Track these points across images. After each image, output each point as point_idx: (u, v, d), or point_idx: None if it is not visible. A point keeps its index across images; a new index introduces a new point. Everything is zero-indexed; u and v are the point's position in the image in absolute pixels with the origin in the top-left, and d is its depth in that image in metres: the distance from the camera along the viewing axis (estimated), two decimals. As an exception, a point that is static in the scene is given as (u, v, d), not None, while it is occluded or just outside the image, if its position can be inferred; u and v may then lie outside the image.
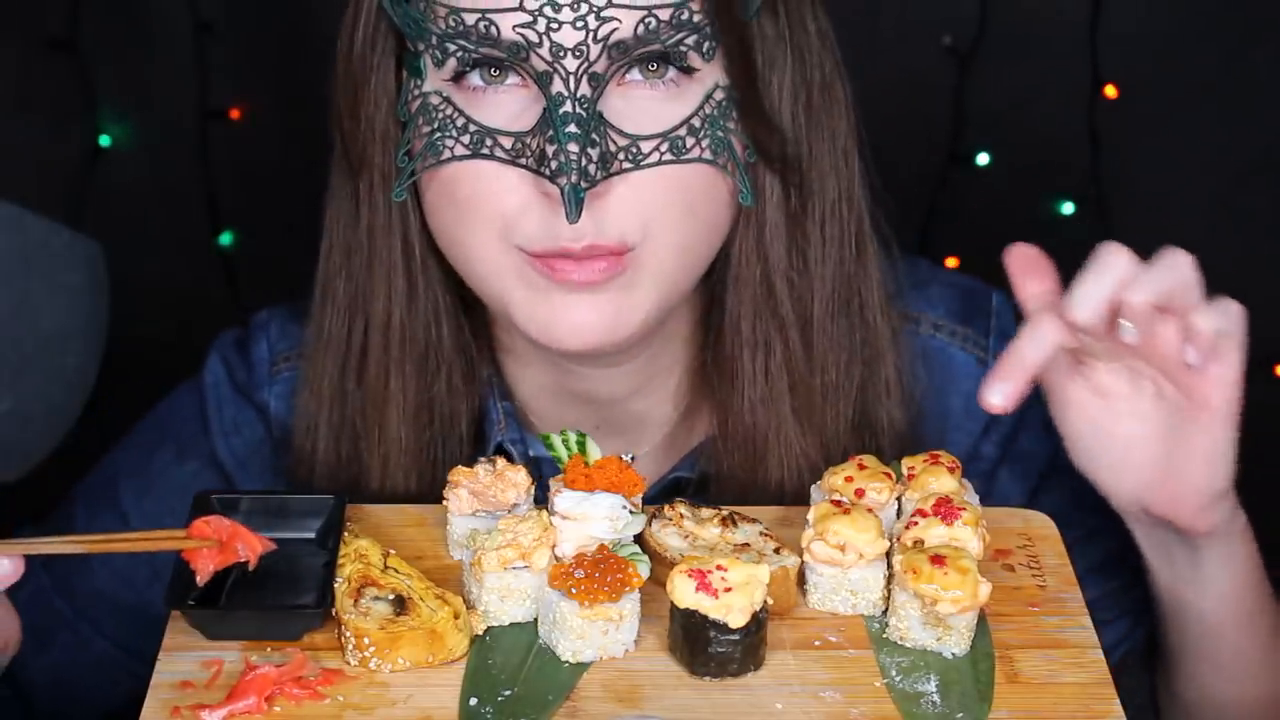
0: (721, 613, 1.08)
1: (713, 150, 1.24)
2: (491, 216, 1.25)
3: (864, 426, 1.35)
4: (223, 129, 2.27)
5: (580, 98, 1.20)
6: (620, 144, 1.21)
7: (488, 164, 1.23)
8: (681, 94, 1.23)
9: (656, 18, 1.19)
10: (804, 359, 1.34)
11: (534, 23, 1.18)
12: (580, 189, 1.19)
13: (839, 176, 1.32)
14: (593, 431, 1.38)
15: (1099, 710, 1.08)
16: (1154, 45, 2.31)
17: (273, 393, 1.43)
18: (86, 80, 2.23)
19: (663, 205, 1.24)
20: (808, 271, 1.33)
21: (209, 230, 2.31)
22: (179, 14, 2.23)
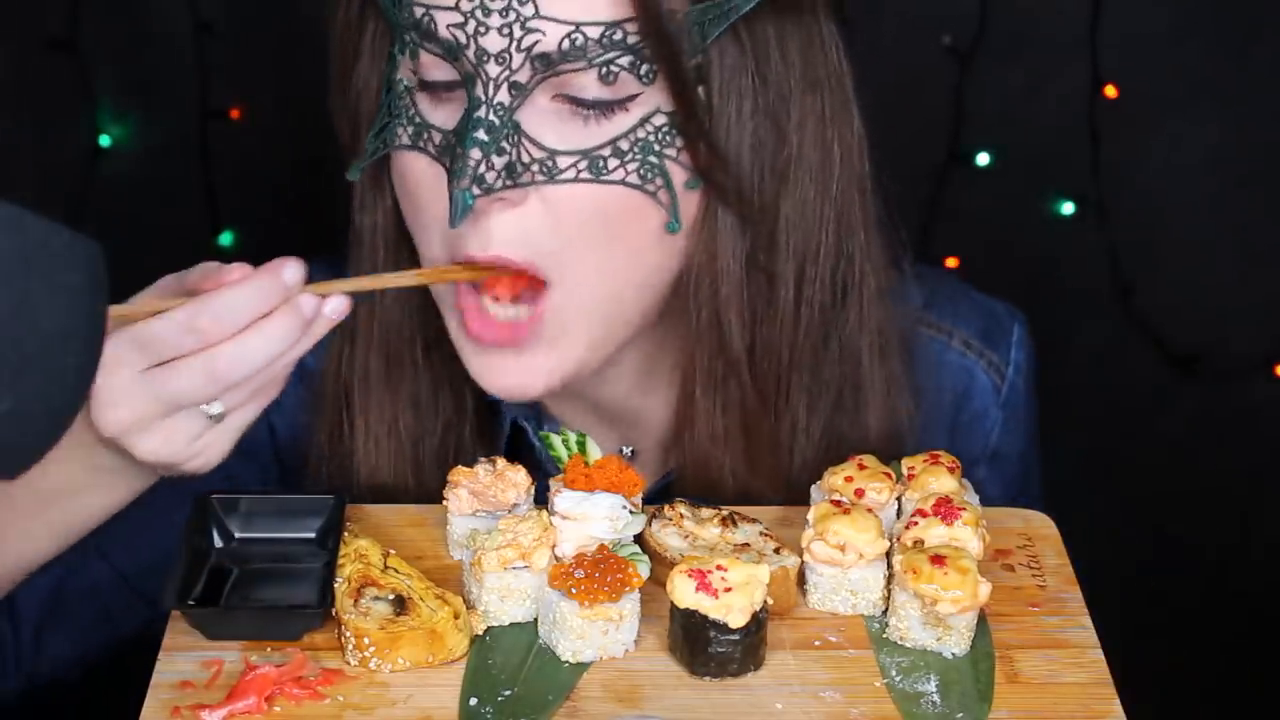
0: (721, 613, 1.08)
1: (640, 175, 1.21)
2: (433, 215, 1.24)
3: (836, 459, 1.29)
4: (223, 129, 2.27)
5: (497, 105, 1.19)
6: (536, 155, 1.20)
7: (422, 157, 1.23)
8: (612, 115, 1.21)
9: (585, 35, 1.18)
10: (759, 403, 1.31)
11: (465, 24, 1.18)
12: (469, 194, 1.18)
13: (826, 223, 1.28)
14: (592, 426, 1.39)
15: (1099, 710, 1.08)
16: (1154, 45, 2.31)
17: None
18: (86, 80, 2.23)
19: (578, 226, 1.22)
20: (772, 317, 1.29)
21: (209, 230, 2.31)
22: (179, 14, 2.23)
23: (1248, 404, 2.41)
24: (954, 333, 1.43)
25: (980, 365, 1.44)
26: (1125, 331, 2.40)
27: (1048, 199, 2.38)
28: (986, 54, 2.31)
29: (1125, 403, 2.43)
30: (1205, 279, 2.39)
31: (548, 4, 1.17)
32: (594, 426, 1.41)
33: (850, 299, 1.31)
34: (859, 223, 1.30)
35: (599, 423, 1.42)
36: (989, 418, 1.45)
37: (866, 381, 1.34)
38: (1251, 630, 2.48)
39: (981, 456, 1.45)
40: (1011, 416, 1.46)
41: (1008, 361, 1.45)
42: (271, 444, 1.46)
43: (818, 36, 1.26)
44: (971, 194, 2.36)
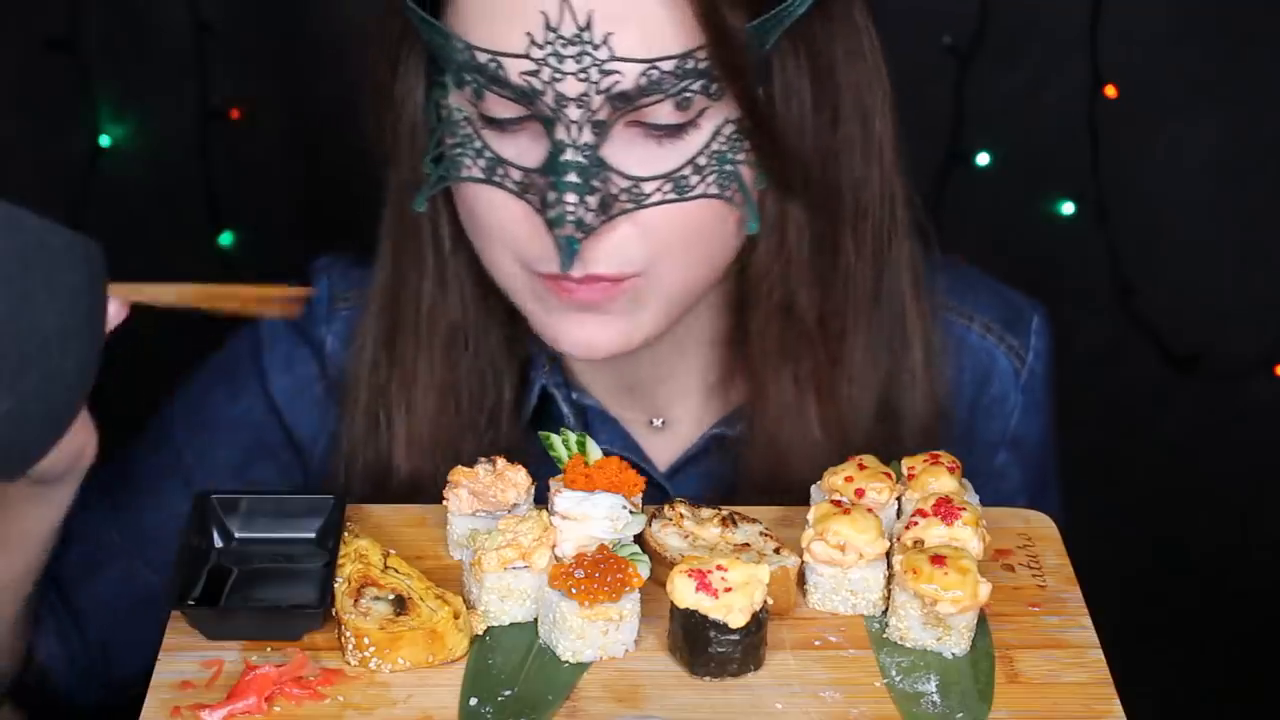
0: (721, 613, 1.08)
1: (719, 185, 1.25)
2: (505, 239, 1.28)
3: (886, 417, 1.37)
4: (223, 129, 2.27)
5: (582, 145, 1.21)
6: (623, 185, 1.23)
7: (499, 192, 1.25)
8: (687, 135, 1.24)
9: (659, 69, 1.20)
10: (830, 370, 1.35)
11: (538, 71, 1.20)
12: (575, 240, 1.22)
13: (872, 182, 1.33)
14: (621, 397, 1.42)
15: (1099, 710, 1.08)
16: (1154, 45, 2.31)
17: (331, 330, 1.46)
18: (86, 80, 2.22)
19: (665, 240, 1.26)
20: (836, 283, 1.34)
21: (209, 230, 2.30)
22: (179, 14, 2.22)
23: (1248, 404, 2.41)
24: (975, 317, 1.47)
25: (1001, 349, 1.47)
26: (1125, 331, 2.40)
27: (1048, 199, 2.38)
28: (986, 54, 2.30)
29: (1125, 403, 2.43)
30: (1205, 279, 2.39)
31: (621, 45, 1.19)
32: (622, 398, 1.44)
33: (894, 244, 1.36)
34: (896, 176, 1.35)
35: (628, 394, 1.44)
36: (1009, 401, 1.47)
37: (910, 319, 1.38)
38: (1251, 630, 2.48)
39: (1002, 441, 1.48)
40: (1031, 402, 1.48)
41: (1028, 347, 1.48)
42: (289, 443, 1.47)
43: (854, 16, 1.30)
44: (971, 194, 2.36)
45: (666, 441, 1.45)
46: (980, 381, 1.47)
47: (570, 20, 1.18)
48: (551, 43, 1.19)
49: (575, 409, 1.42)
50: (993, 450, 1.47)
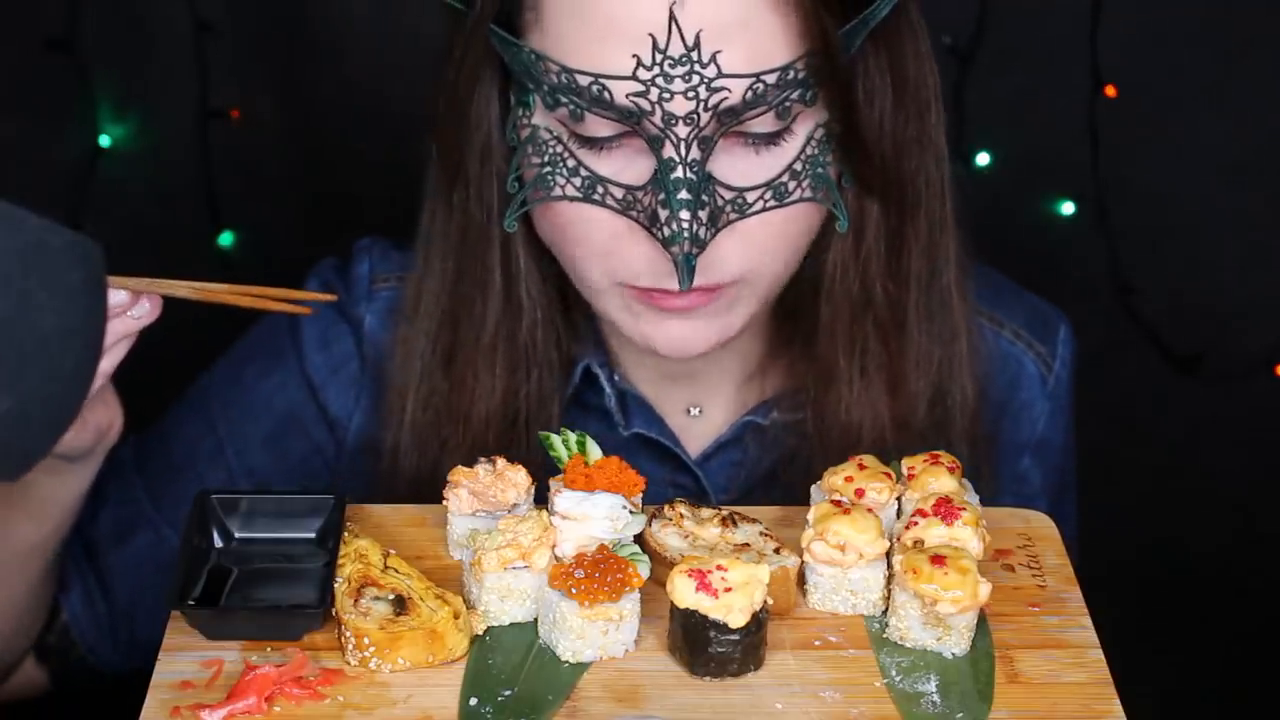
0: (721, 613, 1.08)
1: (813, 188, 1.27)
2: (600, 255, 1.29)
3: (938, 401, 1.40)
4: (223, 129, 2.27)
5: (691, 162, 1.22)
6: (728, 197, 1.25)
7: (600, 210, 1.26)
8: (783, 142, 1.26)
9: (764, 82, 1.22)
10: (900, 359, 1.38)
11: (646, 92, 1.20)
12: (692, 257, 1.23)
13: (929, 173, 1.36)
14: (660, 384, 1.44)
15: (1099, 710, 1.08)
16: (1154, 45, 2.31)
17: (370, 308, 1.47)
18: (86, 80, 2.22)
19: (764, 245, 1.28)
20: (901, 275, 1.37)
21: (209, 230, 2.30)
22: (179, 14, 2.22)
23: (1248, 404, 2.41)
24: (1005, 323, 1.49)
25: (1030, 356, 1.50)
26: (1125, 331, 2.40)
27: (1048, 199, 2.38)
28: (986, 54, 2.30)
29: (1125, 403, 2.43)
30: (1205, 279, 2.39)
31: (729, 62, 1.20)
32: (661, 384, 1.45)
33: (945, 232, 1.39)
34: (944, 164, 1.37)
35: (669, 383, 1.46)
36: (1036, 407, 1.50)
37: (956, 306, 1.41)
38: (1251, 630, 2.48)
39: (1027, 445, 1.50)
40: (1056, 408, 1.51)
41: (1055, 355, 1.50)
42: (323, 420, 1.48)
43: (916, 16, 1.33)
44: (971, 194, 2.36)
45: (701, 429, 1.47)
46: (1009, 386, 1.49)
47: (679, 41, 1.19)
48: (659, 63, 1.20)
49: (617, 392, 1.44)
50: (1017, 454, 1.49)
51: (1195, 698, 2.45)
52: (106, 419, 1.27)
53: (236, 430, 1.48)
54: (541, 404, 1.40)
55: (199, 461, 1.47)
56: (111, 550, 1.47)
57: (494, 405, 1.39)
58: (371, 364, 1.46)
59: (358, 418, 1.47)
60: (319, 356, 1.47)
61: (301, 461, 1.48)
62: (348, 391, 1.47)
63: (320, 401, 1.47)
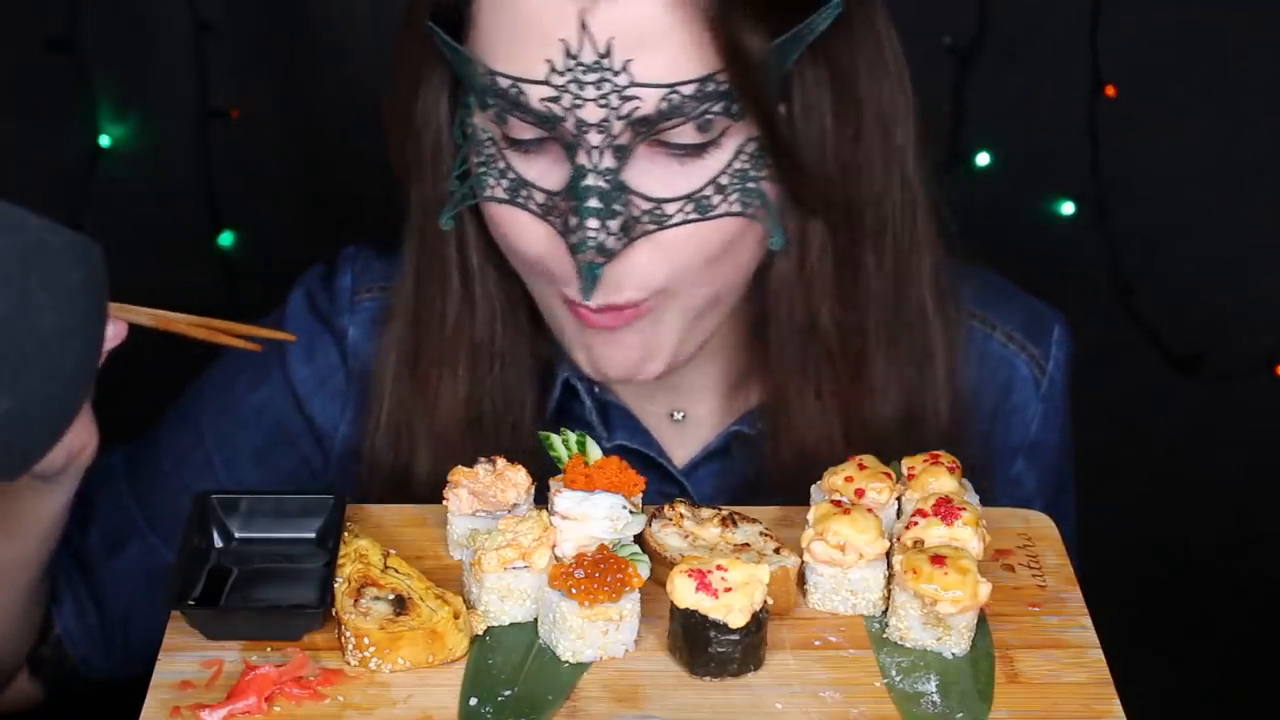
0: (721, 613, 1.08)
1: (742, 202, 1.25)
2: (531, 259, 1.28)
3: (909, 427, 1.37)
4: (223, 129, 2.27)
5: (604, 170, 1.21)
6: (645, 208, 1.23)
7: (523, 213, 1.26)
8: (709, 154, 1.24)
9: (680, 94, 1.20)
10: (852, 386, 1.35)
11: (559, 98, 1.20)
12: (597, 266, 1.22)
13: (893, 194, 1.32)
14: (644, 390, 1.43)
15: (1099, 710, 1.08)
16: (1154, 45, 2.31)
17: (353, 320, 1.46)
18: (86, 80, 2.22)
19: (686, 259, 1.26)
20: (857, 298, 1.34)
21: (209, 230, 2.31)
22: (179, 14, 2.22)
23: (1248, 404, 2.41)
24: (997, 325, 1.47)
25: (1022, 358, 1.47)
26: (1125, 331, 2.40)
27: (1048, 199, 2.38)
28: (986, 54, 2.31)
29: (1125, 403, 2.43)
30: (1205, 279, 2.39)
31: (642, 71, 1.19)
32: (644, 392, 1.44)
33: (915, 254, 1.36)
34: (917, 184, 1.34)
35: (649, 391, 1.44)
36: (1029, 410, 1.48)
37: (932, 327, 1.38)
38: (1252, 630, 2.48)
39: (1020, 448, 1.48)
40: (1050, 410, 1.49)
41: (1048, 357, 1.48)
42: (310, 432, 1.48)
43: (875, 25, 1.29)
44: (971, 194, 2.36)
45: (686, 438, 1.46)
46: (1001, 390, 1.47)
47: (590, 48, 1.18)
48: (572, 69, 1.19)
49: (597, 404, 1.43)
50: (1011, 457, 1.48)
51: (1195, 698, 2.45)
52: (79, 441, 1.24)
53: (226, 442, 1.47)
54: (508, 403, 1.39)
55: (188, 473, 1.46)
56: (103, 562, 1.47)
57: (457, 404, 1.38)
58: (356, 375, 1.45)
59: (344, 429, 1.46)
60: (304, 369, 1.47)
61: (290, 474, 1.48)
62: (334, 403, 1.46)
63: (307, 414, 1.47)
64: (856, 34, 1.27)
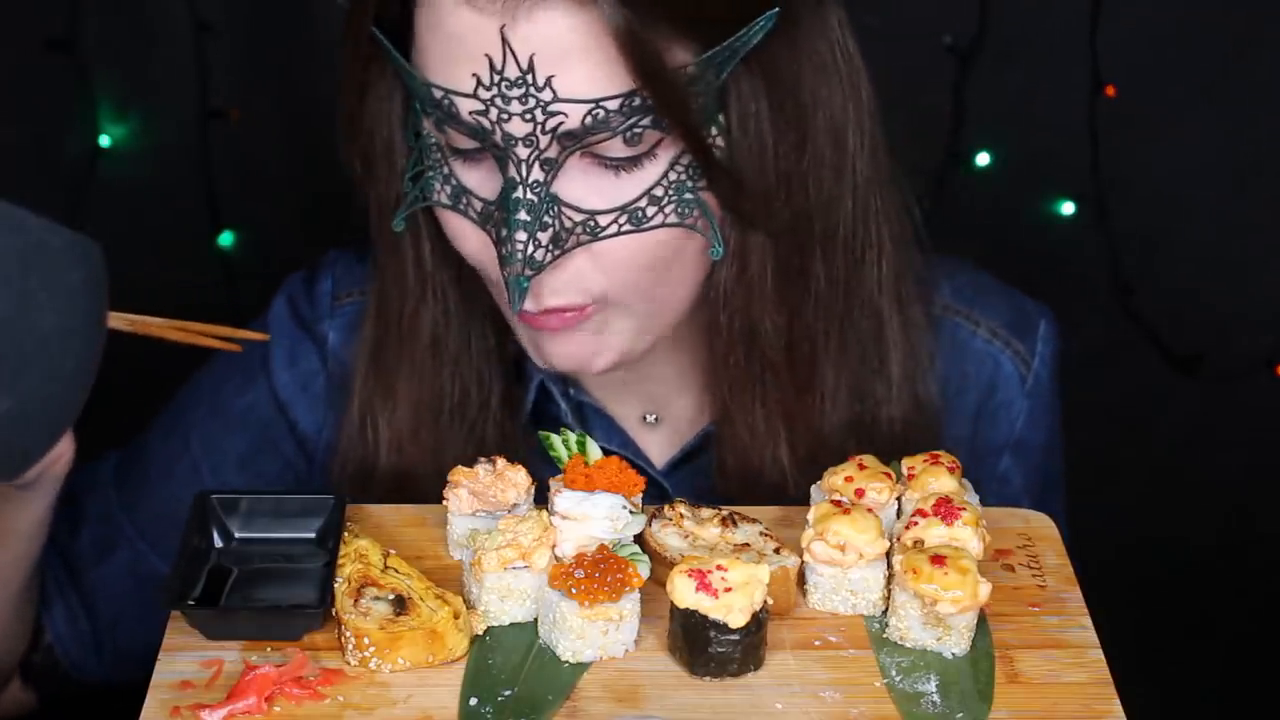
0: (721, 613, 1.08)
1: (679, 214, 1.24)
2: (476, 265, 1.29)
3: (860, 432, 1.36)
4: (223, 129, 2.27)
5: (532, 183, 1.21)
6: (577, 219, 1.22)
7: (464, 220, 1.26)
8: (643, 166, 1.23)
9: (604, 109, 1.19)
10: (799, 395, 1.34)
11: (486, 111, 1.20)
12: (524, 279, 1.21)
13: (843, 201, 1.31)
14: (618, 392, 1.43)
15: (1099, 710, 1.08)
16: (1154, 45, 2.31)
17: (332, 325, 1.47)
18: (86, 80, 2.22)
19: (624, 270, 1.25)
20: (804, 308, 1.33)
21: (209, 230, 2.30)
22: (179, 14, 2.22)
23: (1248, 404, 2.41)
24: (981, 321, 1.46)
25: (1007, 354, 1.46)
26: (1125, 331, 2.40)
27: (1048, 199, 2.38)
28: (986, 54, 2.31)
29: (1125, 403, 2.43)
30: (1205, 279, 2.39)
31: (565, 86, 1.18)
32: (619, 393, 1.44)
33: (869, 257, 1.34)
34: (872, 189, 1.33)
35: (624, 389, 1.44)
36: (1014, 407, 1.47)
37: (888, 332, 1.37)
38: (1252, 630, 2.48)
39: (1005, 445, 1.47)
40: (1037, 406, 1.48)
41: (1034, 353, 1.47)
42: (293, 437, 1.48)
43: (822, 30, 1.27)
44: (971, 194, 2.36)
45: (664, 439, 1.45)
46: (985, 387, 1.46)
47: (513, 63, 1.18)
48: (497, 84, 1.18)
49: (572, 405, 1.42)
50: (996, 455, 1.47)
51: (1195, 698, 2.45)
52: (58, 449, 1.24)
53: (213, 448, 1.47)
54: (465, 402, 1.39)
55: (175, 481, 1.46)
56: (92, 568, 1.47)
57: (414, 401, 1.38)
58: (337, 379, 1.45)
59: (326, 434, 1.46)
60: (286, 374, 1.47)
61: (275, 479, 1.48)
62: (316, 408, 1.47)
63: (290, 418, 1.47)
64: (798, 42, 1.25)
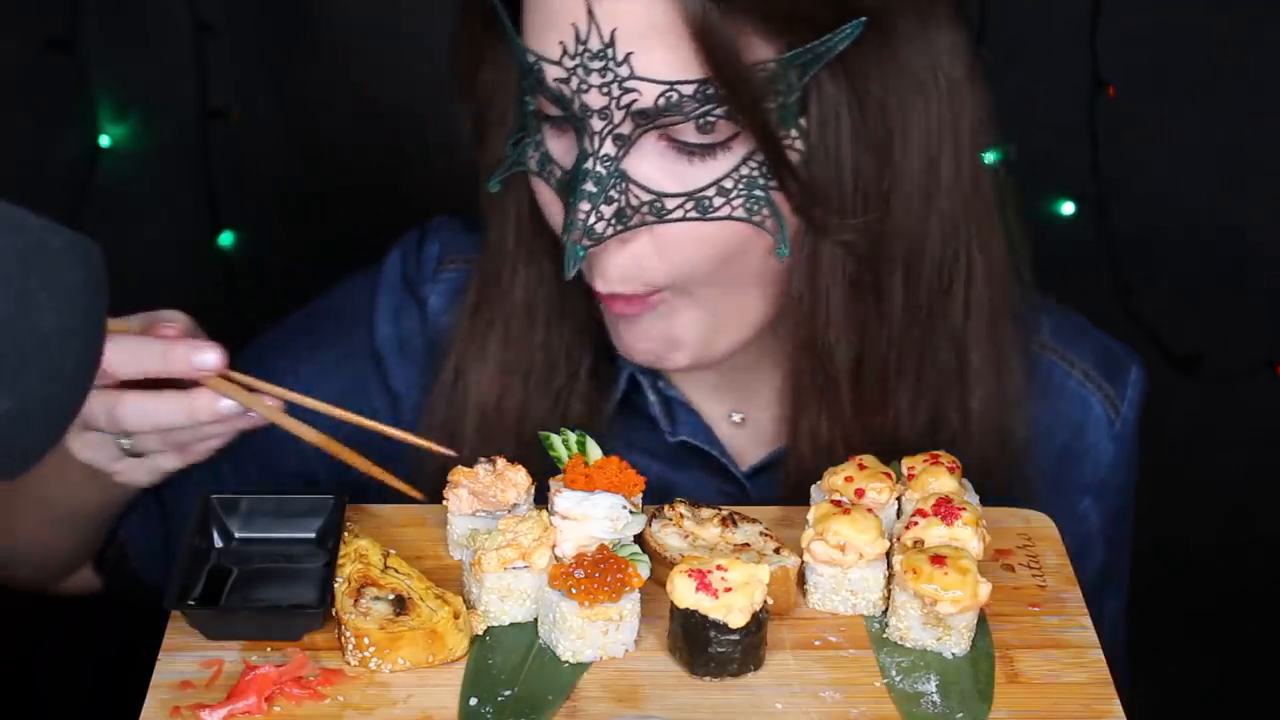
0: (721, 613, 1.08)
1: (746, 209, 1.24)
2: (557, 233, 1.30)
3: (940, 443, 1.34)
4: (223, 129, 2.27)
5: (603, 156, 1.22)
6: (644, 199, 1.24)
7: (546, 187, 1.28)
8: (715, 154, 1.23)
9: (679, 92, 1.20)
10: (862, 415, 1.33)
11: (568, 80, 1.21)
12: (581, 248, 1.23)
13: (932, 226, 1.29)
14: (707, 392, 1.44)
15: (1099, 710, 1.08)
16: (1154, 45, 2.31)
17: (434, 289, 1.48)
18: (86, 80, 2.22)
19: (690, 258, 1.26)
20: (878, 327, 1.31)
21: (209, 230, 2.30)
22: (179, 14, 2.22)
23: (1248, 404, 2.41)
24: (1075, 363, 1.46)
25: (1097, 397, 1.47)
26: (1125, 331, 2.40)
27: (1048, 199, 2.38)
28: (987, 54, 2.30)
29: (1125, 403, 2.43)
30: (1205, 279, 2.39)
31: (642, 65, 1.20)
32: (708, 393, 1.45)
33: (956, 287, 1.33)
34: (969, 221, 1.32)
35: (713, 390, 1.45)
36: (1101, 450, 1.47)
37: (972, 369, 1.36)
38: (1252, 630, 2.48)
39: (1088, 486, 1.48)
40: (1122, 451, 1.48)
41: (1123, 397, 1.47)
42: (386, 392, 1.48)
43: (924, 50, 1.26)
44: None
45: (750, 441, 1.46)
46: (1074, 428, 1.46)
47: (596, 36, 1.20)
48: (580, 54, 1.20)
49: (660, 398, 1.43)
50: (1078, 494, 1.47)
51: (1195, 698, 2.45)
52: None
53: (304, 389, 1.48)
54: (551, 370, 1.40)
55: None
56: (173, 483, 1.46)
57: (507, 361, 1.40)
58: (433, 345, 1.46)
59: (416, 395, 1.47)
60: (389, 328, 1.48)
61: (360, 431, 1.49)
62: (411, 368, 1.48)
63: (383, 372, 1.48)
64: (892, 58, 1.24)
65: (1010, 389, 1.38)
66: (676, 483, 1.43)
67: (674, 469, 1.43)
